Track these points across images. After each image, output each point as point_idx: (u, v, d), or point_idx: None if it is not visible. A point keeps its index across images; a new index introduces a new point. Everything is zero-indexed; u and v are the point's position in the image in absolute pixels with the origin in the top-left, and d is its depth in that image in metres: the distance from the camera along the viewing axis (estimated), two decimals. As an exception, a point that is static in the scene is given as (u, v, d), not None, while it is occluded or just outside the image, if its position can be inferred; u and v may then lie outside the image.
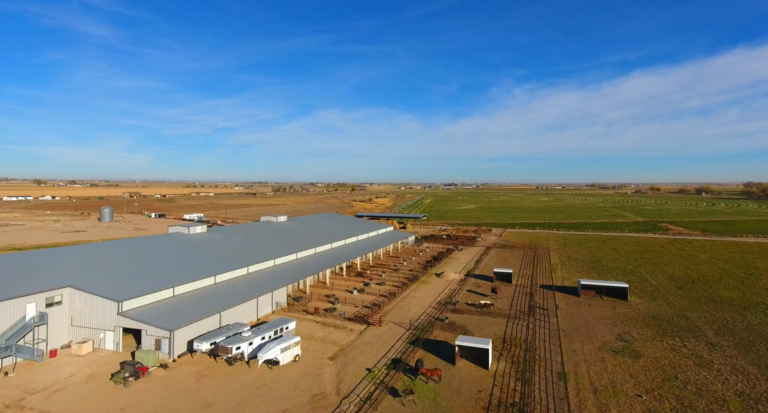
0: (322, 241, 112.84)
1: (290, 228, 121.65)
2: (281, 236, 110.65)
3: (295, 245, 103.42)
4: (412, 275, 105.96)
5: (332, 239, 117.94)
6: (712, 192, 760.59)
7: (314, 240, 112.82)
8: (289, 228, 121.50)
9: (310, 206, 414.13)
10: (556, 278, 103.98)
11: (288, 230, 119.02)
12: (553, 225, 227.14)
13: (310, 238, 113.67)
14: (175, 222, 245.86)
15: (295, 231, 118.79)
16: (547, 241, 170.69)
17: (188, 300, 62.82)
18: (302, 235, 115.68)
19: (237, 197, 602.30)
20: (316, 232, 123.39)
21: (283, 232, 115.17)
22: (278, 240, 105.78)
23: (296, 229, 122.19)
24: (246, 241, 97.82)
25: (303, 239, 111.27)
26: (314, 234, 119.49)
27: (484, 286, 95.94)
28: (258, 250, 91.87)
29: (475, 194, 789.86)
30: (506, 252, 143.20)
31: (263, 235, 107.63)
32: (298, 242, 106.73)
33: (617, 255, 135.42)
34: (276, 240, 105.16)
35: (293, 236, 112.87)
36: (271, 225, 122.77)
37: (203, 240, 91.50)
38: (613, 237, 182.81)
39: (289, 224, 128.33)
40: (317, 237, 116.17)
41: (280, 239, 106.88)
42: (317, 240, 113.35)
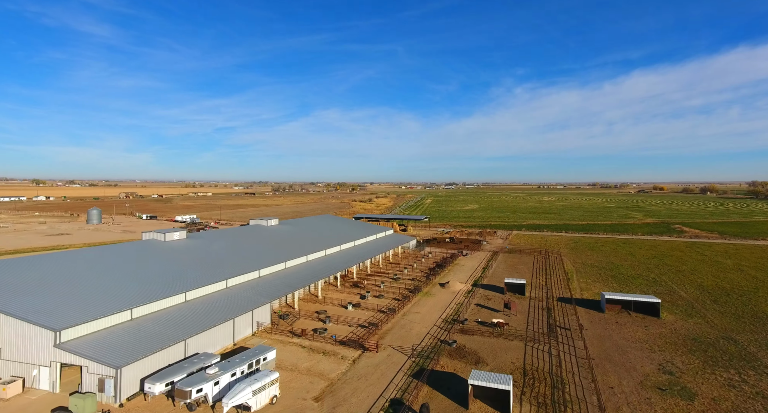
0: (316, 248, 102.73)
1: (281, 234, 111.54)
2: (270, 242, 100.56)
3: (285, 253, 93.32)
4: (413, 285, 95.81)
5: (327, 245, 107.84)
6: (716, 191, 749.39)
7: (306, 246, 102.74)
8: (280, 234, 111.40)
9: (309, 206, 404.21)
10: (573, 289, 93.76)
11: (278, 235, 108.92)
12: (561, 227, 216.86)
13: (302, 244, 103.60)
14: (166, 224, 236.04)
15: (286, 237, 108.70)
16: (556, 245, 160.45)
17: (148, 326, 52.73)
18: (293, 241, 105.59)
19: (235, 197, 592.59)
20: (310, 237, 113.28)
21: (273, 238, 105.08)
22: (266, 247, 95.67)
23: (287, 234, 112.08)
24: (229, 249, 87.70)
25: (294, 245, 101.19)
26: (307, 240, 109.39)
27: (495, 299, 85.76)
28: (241, 260, 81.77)
29: (476, 194, 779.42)
30: (515, 258, 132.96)
31: (250, 242, 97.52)
32: (288, 249, 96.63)
33: (635, 262, 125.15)
34: (263, 247, 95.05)
35: (283, 242, 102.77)
36: (259, 229, 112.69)
37: (179, 249, 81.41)
38: (626, 240, 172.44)
39: (280, 228, 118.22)
40: (310, 243, 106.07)
41: (268, 246, 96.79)
42: (310, 246, 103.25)
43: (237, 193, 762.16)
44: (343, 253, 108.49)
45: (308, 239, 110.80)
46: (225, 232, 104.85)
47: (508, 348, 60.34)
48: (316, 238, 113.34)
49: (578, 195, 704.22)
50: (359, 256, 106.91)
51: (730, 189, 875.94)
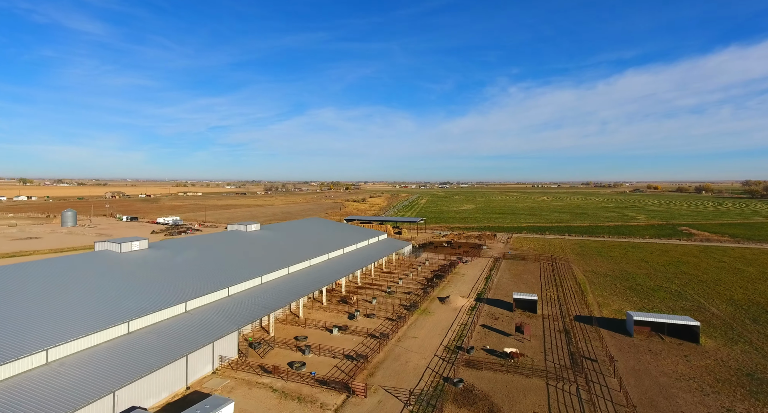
0: (299, 257, 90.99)
1: (260, 241, 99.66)
2: (246, 252, 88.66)
3: (263, 264, 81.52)
4: (409, 301, 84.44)
5: (312, 253, 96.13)
6: (711, 190, 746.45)
7: (289, 255, 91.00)
8: (260, 241, 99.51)
9: (300, 207, 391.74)
10: (590, 304, 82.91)
11: (257, 243, 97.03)
12: (563, 230, 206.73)
13: (283, 254, 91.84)
14: (147, 226, 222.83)
15: (266, 245, 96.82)
16: (561, 250, 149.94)
17: (68, 371, 40.88)
18: (274, 250, 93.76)
19: (225, 197, 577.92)
20: (293, 245, 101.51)
21: (251, 247, 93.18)
22: (241, 258, 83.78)
23: (268, 242, 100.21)
24: (196, 262, 75.71)
25: (274, 255, 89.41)
26: (290, 248, 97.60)
27: (503, 318, 74.64)
28: (208, 275, 69.87)
29: (471, 193, 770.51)
30: (519, 266, 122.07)
31: (223, 252, 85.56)
32: (267, 260, 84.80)
33: (650, 270, 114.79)
34: (238, 258, 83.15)
35: (262, 251, 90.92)
36: (237, 236, 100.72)
37: (134, 264, 69.33)
38: (634, 244, 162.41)
39: (261, 234, 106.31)
40: (293, 252, 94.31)
41: (243, 256, 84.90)
42: (293, 255, 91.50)
43: (228, 192, 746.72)
44: (330, 263, 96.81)
45: (291, 247, 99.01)
46: (196, 240, 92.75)
47: (526, 388, 49.16)
48: (300, 246, 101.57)
49: (574, 194, 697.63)
50: (349, 266, 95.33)
51: (725, 188, 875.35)
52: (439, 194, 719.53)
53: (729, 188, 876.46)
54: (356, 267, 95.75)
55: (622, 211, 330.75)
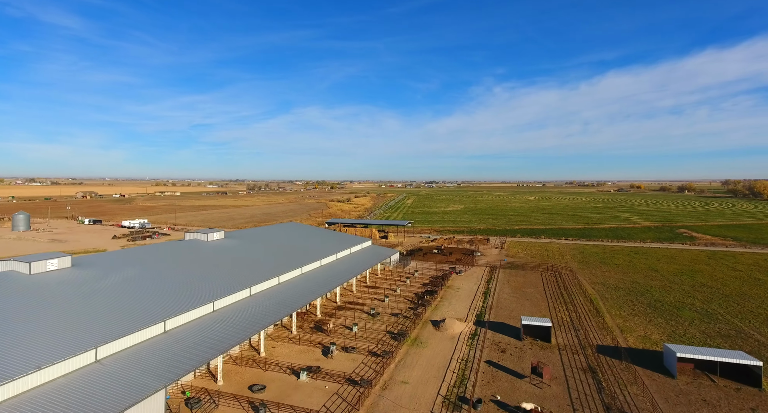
0: (266, 273, 76.17)
1: (222, 253, 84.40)
2: (202, 268, 73.44)
3: (220, 284, 66.56)
4: (398, 326, 70.54)
5: (283, 268, 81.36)
6: (694, 190, 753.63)
7: (254, 271, 76.12)
8: (221, 253, 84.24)
9: (282, 207, 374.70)
10: (611, 328, 70.27)
11: (217, 256, 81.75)
12: (558, 233, 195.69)
13: (247, 269, 76.91)
14: (111, 229, 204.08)
15: (228, 259, 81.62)
16: (561, 256, 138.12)
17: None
18: (237, 265, 78.69)
19: (205, 197, 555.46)
20: (261, 257, 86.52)
21: (208, 261, 77.90)
22: (192, 276, 68.59)
23: (231, 254, 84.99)
24: (129, 286, 60.28)
25: (236, 271, 74.42)
26: (256, 262, 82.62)
27: (512, 350, 61.30)
28: (141, 304, 54.68)
29: (458, 193, 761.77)
30: (519, 276, 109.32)
31: (170, 269, 70.20)
32: (225, 278, 69.80)
33: (664, 281, 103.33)
34: (189, 277, 67.93)
35: (222, 267, 75.79)
36: (193, 248, 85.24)
37: (44, 289, 53.66)
38: (636, 249, 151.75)
39: (224, 244, 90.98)
40: (260, 267, 79.41)
41: (196, 275, 69.72)
42: (259, 271, 76.63)
43: (208, 192, 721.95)
44: (305, 279, 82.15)
45: (258, 260, 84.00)
46: (142, 254, 76.99)
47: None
48: (269, 258, 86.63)
49: (560, 194, 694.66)
50: (326, 282, 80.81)
51: (705, 187, 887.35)
52: (426, 194, 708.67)
53: (710, 187, 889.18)
54: (335, 283, 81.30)
55: (612, 212, 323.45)
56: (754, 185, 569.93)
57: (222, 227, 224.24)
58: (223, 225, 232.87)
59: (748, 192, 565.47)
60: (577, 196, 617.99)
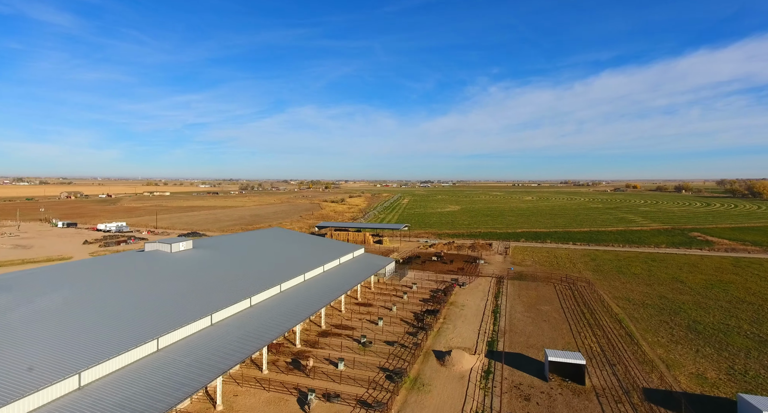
0: (236, 295, 63.06)
1: (186, 269, 71.09)
2: (156, 289, 60.16)
3: (173, 312, 53.41)
4: (393, 360, 57.70)
5: (258, 286, 68.26)
6: (691, 190, 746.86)
7: (221, 292, 62.99)
8: (184, 269, 70.93)
9: (273, 208, 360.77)
10: (652, 361, 57.83)
11: (177, 274, 68.42)
12: (564, 237, 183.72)
13: (213, 289, 63.75)
14: (84, 234, 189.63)
15: (192, 276, 68.32)
16: (572, 264, 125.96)
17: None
18: (201, 283, 65.43)
19: (195, 197, 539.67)
20: (233, 273, 73.31)
21: (162, 281, 64.57)
22: (141, 302, 55.33)
23: (197, 270, 71.70)
24: (53, 317, 46.95)
25: (198, 293, 61.23)
26: (226, 279, 69.40)
27: (537, 396, 48.68)
28: (62, 343, 41.46)
29: (454, 192, 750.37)
30: (530, 290, 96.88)
31: (109, 292, 56.82)
32: (178, 304, 56.59)
33: (695, 295, 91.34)
34: (129, 303, 54.62)
35: (179, 288, 62.51)
36: (151, 262, 71.89)
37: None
38: (652, 256, 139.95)
39: (190, 257, 77.65)
40: (228, 286, 66.24)
41: (147, 299, 56.45)
42: (226, 292, 63.49)
43: (199, 192, 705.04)
44: (283, 298, 69.05)
45: (229, 276, 70.79)
46: (87, 270, 63.51)
47: None
48: (242, 274, 73.45)
49: (557, 193, 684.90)
50: (309, 302, 67.78)
51: (702, 187, 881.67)
52: (421, 193, 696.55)
53: (706, 187, 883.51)
54: (320, 303, 68.28)
55: (615, 213, 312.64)
56: (754, 185, 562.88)
57: (206, 230, 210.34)
58: (208, 227, 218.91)
59: (747, 192, 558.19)
60: (574, 195, 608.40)
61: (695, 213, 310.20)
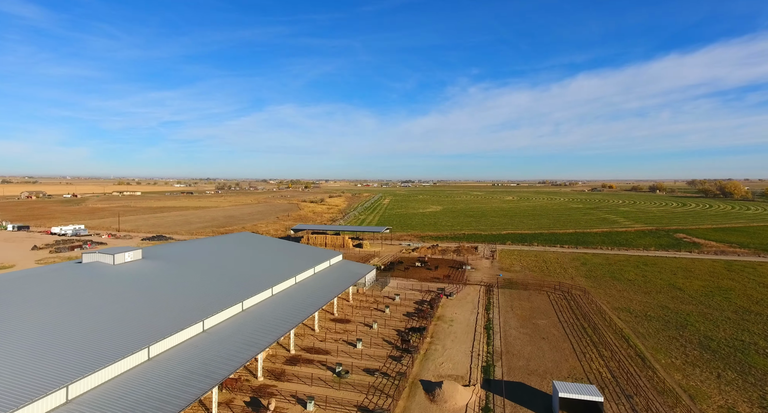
0: (185, 318, 52.51)
1: (125, 287, 59.89)
2: (82, 315, 49.05)
3: (93, 348, 42.68)
4: (374, 394, 48.29)
5: (213, 306, 57.78)
6: (665, 189, 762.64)
7: (165, 316, 52.35)
8: (124, 287, 59.73)
9: (249, 209, 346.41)
10: (672, 390, 50.25)
11: (116, 293, 57.24)
12: (550, 239, 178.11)
13: (155, 313, 53.02)
14: (37, 237, 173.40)
15: (131, 295, 57.25)
16: (563, 269, 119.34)
17: None
18: (141, 305, 54.52)
19: (168, 197, 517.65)
20: (186, 290, 62.54)
21: (98, 302, 53.37)
22: (61, 331, 44.29)
23: (142, 287, 60.60)
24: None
25: (135, 318, 50.44)
26: (175, 298, 58.62)
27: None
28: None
29: (435, 192, 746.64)
30: (523, 300, 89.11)
31: (24, 318, 45.53)
32: (109, 334, 45.79)
33: (697, 304, 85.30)
34: (50, 334, 43.56)
35: (116, 310, 51.54)
36: (89, 277, 60.42)
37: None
38: (643, 259, 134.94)
39: (136, 271, 66.36)
40: (177, 307, 55.57)
41: (70, 327, 45.40)
42: (172, 315, 52.87)
43: (173, 192, 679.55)
44: (245, 319, 58.75)
45: (179, 295, 60.02)
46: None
47: None
48: (197, 290, 62.75)
49: (536, 193, 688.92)
50: (275, 325, 57.74)
51: (675, 187, 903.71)
52: (403, 193, 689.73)
53: (679, 187, 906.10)
54: (289, 324, 58.34)
55: (596, 213, 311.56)
56: (725, 185, 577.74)
57: (174, 233, 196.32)
58: (176, 230, 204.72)
59: (719, 192, 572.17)
60: (554, 195, 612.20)
61: (674, 213, 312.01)
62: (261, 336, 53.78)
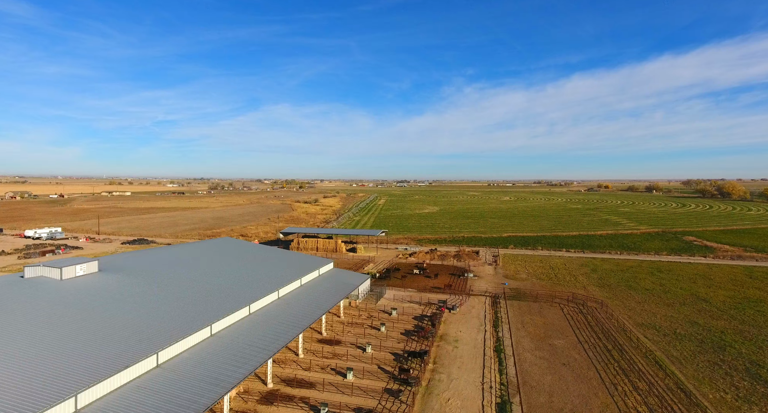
0: (139, 348, 42.69)
1: (70, 309, 49.86)
2: (6, 346, 39.06)
3: (12, 396, 32.73)
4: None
5: (177, 332, 47.92)
6: (661, 190, 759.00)
7: (114, 346, 42.48)
8: (67, 309, 49.69)
9: (240, 210, 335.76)
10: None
11: (56, 316, 47.20)
12: (553, 242, 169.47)
13: (103, 341, 43.13)
14: (8, 241, 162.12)
15: (75, 320, 47.24)
16: (572, 276, 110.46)
17: None
18: (85, 332, 44.57)
19: (158, 197, 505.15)
20: (144, 311, 52.59)
21: (30, 328, 43.34)
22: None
23: (86, 309, 50.57)
24: None
25: (75, 349, 40.53)
26: (129, 322, 48.67)
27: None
28: None
29: (430, 192, 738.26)
30: (534, 314, 79.85)
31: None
32: (37, 376, 35.85)
33: (729, 319, 76.47)
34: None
35: (49, 339, 41.58)
36: (28, 295, 50.33)
37: None
38: (656, 265, 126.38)
39: (88, 287, 56.31)
40: (131, 334, 45.66)
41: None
42: (126, 344, 43.00)
43: (163, 192, 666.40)
44: (215, 347, 48.89)
45: (136, 317, 50.05)
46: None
47: None
48: (159, 311, 52.82)
49: (533, 194, 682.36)
50: (250, 354, 47.93)
51: (671, 187, 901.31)
52: (398, 193, 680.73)
53: (674, 187, 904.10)
54: (266, 353, 48.59)
55: (597, 214, 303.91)
56: (723, 185, 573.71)
57: (157, 236, 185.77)
58: (159, 233, 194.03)
59: (716, 192, 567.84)
60: (550, 196, 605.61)
61: (675, 214, 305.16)
62: (230, 371, 44.00)
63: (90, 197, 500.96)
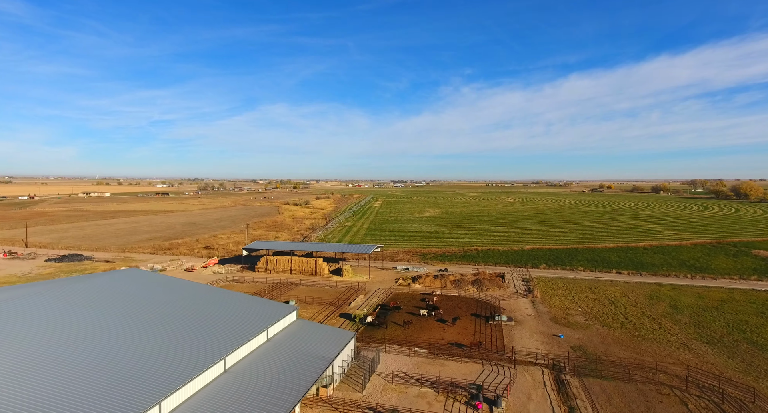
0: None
1: None
2: None
3: None
4: None
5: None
6: (668, 190, 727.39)
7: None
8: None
9: (220, 213, 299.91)
10: None
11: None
12: (592, 258, 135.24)
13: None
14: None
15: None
16: (650, 320, 76.11)
17: None
18: None
19: (137, 199, 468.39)
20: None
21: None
22: None
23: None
24: None
25: None
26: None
27: None
28: None
29: (429, 193, 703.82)
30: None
31: None
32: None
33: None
34: None
35: None
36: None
37: None
38: (755, 297, 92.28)
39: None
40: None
41: None
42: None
43: (147, 192, 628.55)
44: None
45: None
46: None
47: None
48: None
49: (535, 194, 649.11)
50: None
51: (680, 188, 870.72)
52: (395, 194, 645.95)
53: (682, 188, 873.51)
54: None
55: (618, 218, 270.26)
56: (739, 186, 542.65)
57: (100, 249, 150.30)
58: (105, 245, 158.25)
59: (732, 193, 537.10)
60: (555, 197, 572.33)
61: (707, 218, 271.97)
62: None
63: (64, 198, 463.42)
